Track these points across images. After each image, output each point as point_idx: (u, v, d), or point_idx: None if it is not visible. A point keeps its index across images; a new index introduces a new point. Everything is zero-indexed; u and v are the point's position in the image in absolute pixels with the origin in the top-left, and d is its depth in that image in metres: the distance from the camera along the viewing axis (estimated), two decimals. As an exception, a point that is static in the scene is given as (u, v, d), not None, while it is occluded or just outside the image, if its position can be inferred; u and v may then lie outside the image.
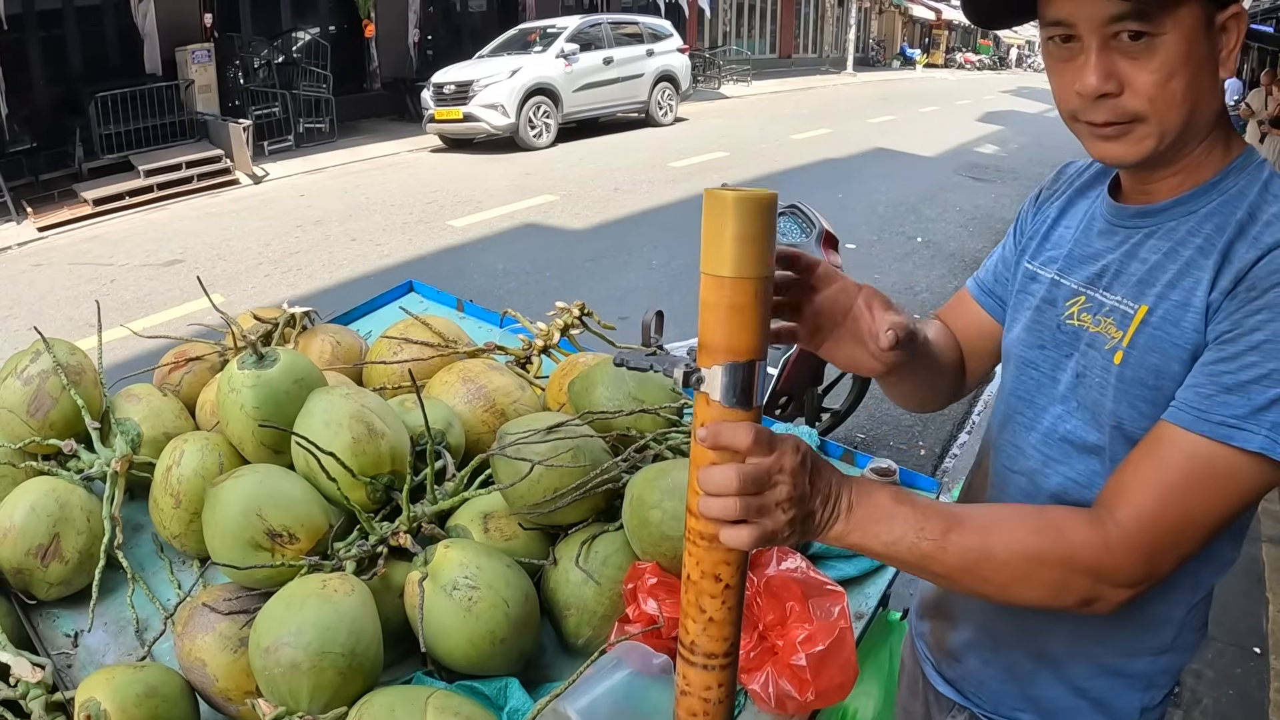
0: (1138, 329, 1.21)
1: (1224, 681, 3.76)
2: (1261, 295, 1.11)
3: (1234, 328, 1.12)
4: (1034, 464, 1.36)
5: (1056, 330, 1.34)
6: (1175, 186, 1.26)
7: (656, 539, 1.52)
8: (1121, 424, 1.24)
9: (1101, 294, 1.29)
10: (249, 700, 1.38)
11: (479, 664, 1.42)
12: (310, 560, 1.48)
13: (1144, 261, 1.25)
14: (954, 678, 1.55)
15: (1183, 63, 1.13)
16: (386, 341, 2.18)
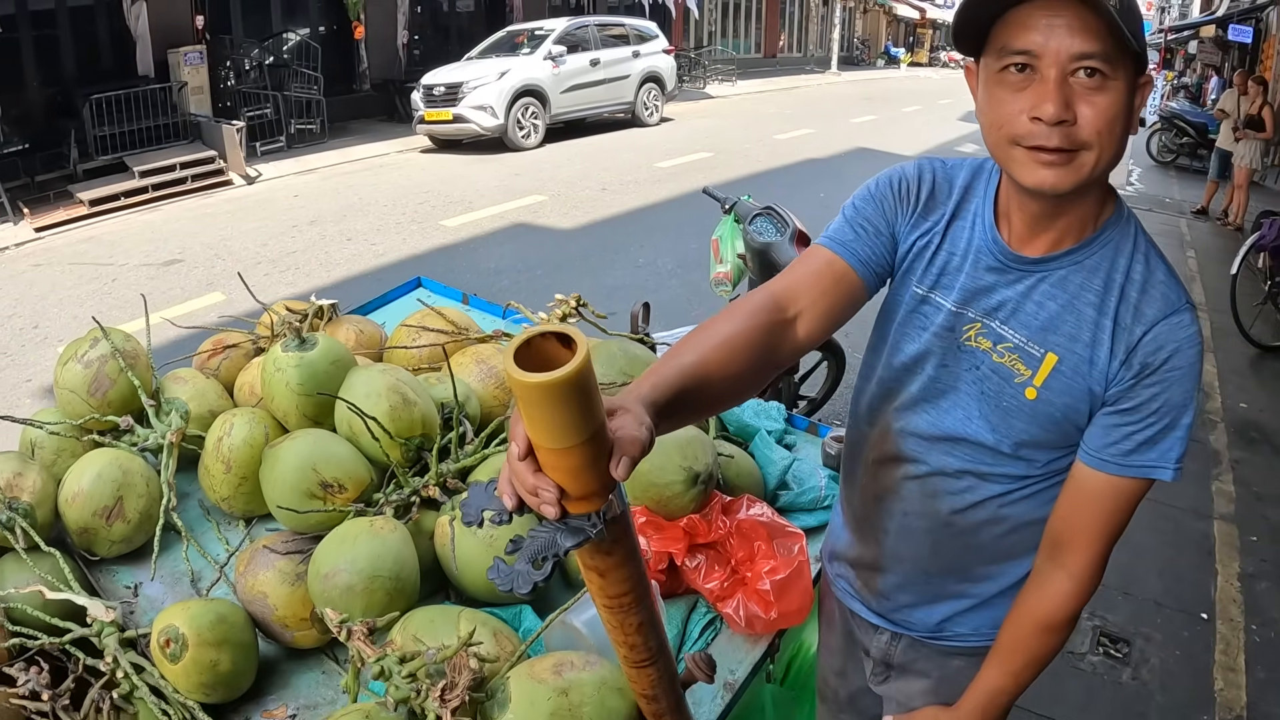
0: (1050, 374, 1.47)
1: (1172, 644, 4.10)
2: (1153, 372, 1.41)
3: (1135, 397, 1.43)
4: (943, 445, 1.62)
5: (957, 350, 1.56)
6: (1057, 240, 1.48)
7: (644, 486, 1.83)
8: (1025, 440, 1.53)
9: (999, 326, 1.52)
10: (305, 623, 1.67)
11: (497, 592, 1.70)
12: (356, 506, 1.77)
13: (1041, 306, 1.48)
14: (881, 610, 1.83)
15: (1123, 107, 1.34)
16: (405, 329, 2.46)
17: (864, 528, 1.80)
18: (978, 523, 1.64)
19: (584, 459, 0.97)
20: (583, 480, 0.99)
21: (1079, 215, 1.46)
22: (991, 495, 1.61)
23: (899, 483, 1.70)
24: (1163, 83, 29.97)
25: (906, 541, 1.72)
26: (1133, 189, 16.01)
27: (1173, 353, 1.41)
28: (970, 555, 1.68)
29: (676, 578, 1.86)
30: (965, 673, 1.72)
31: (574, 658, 1.44)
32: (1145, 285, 1.44)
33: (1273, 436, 6.44)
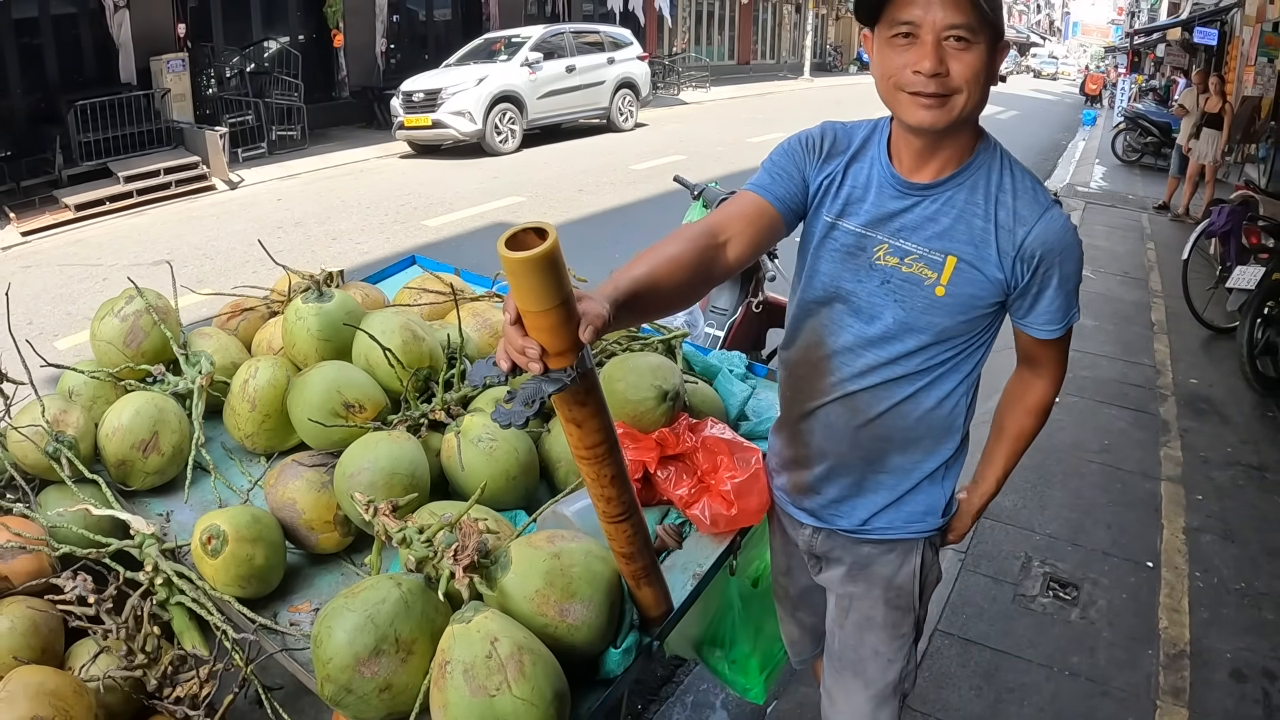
0: (953, 273, 1.84)
1: (1118, 588, 4.36)
2: (1043, 260, 1.83)
3: (1040, 282, 1.86)
4: (863, 355, 1.95)
5: (869, 269, 1.90)
6: (940, 168, 1.86)
7: (621, 403, 2.12)
8: (942, 330, 1.89)
9: (904, 243, 1.87)
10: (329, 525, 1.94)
11: (497, 496, 1.97)
12: (374, 424, 2.05)
13: (936, 221, 1.85)
14: (811, 508, 2.16)
15: (984, 64, 1.72)
16: (408, 291, 2.74)
17: (795, 435, 2.12)
18: (890, 419, 1.98)
19: (558, 319, 1.29)
20: (558, 338, 1.31)
21: (955, 147, 1.85)
22: (903, 397, 1.96)
23: (825, 391, 2.02)
24: (1131, 85, 30.42)
25: (831, 441, 2.05)
26: (1097, 186, 16.36)
27: (1052, 241, 1.82)
28: (884, 447, 2.02)
29: (651, 489, 2.13)
30: (874, 558, 2.12)
31: (564, 533, 1.71)
32: (1017, 191, 1.84)
33: (1221, 408, 6.70)
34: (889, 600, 2.15)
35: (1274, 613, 4.28)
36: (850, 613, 2.18)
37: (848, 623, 2.19)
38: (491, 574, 1.61)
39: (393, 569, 1.81)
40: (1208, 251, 9.23)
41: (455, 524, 1.61)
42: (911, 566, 2.13)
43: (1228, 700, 3.70)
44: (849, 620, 2.19)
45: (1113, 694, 3.66)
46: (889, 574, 2.13)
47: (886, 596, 2.15)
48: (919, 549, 2.14)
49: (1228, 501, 5.32)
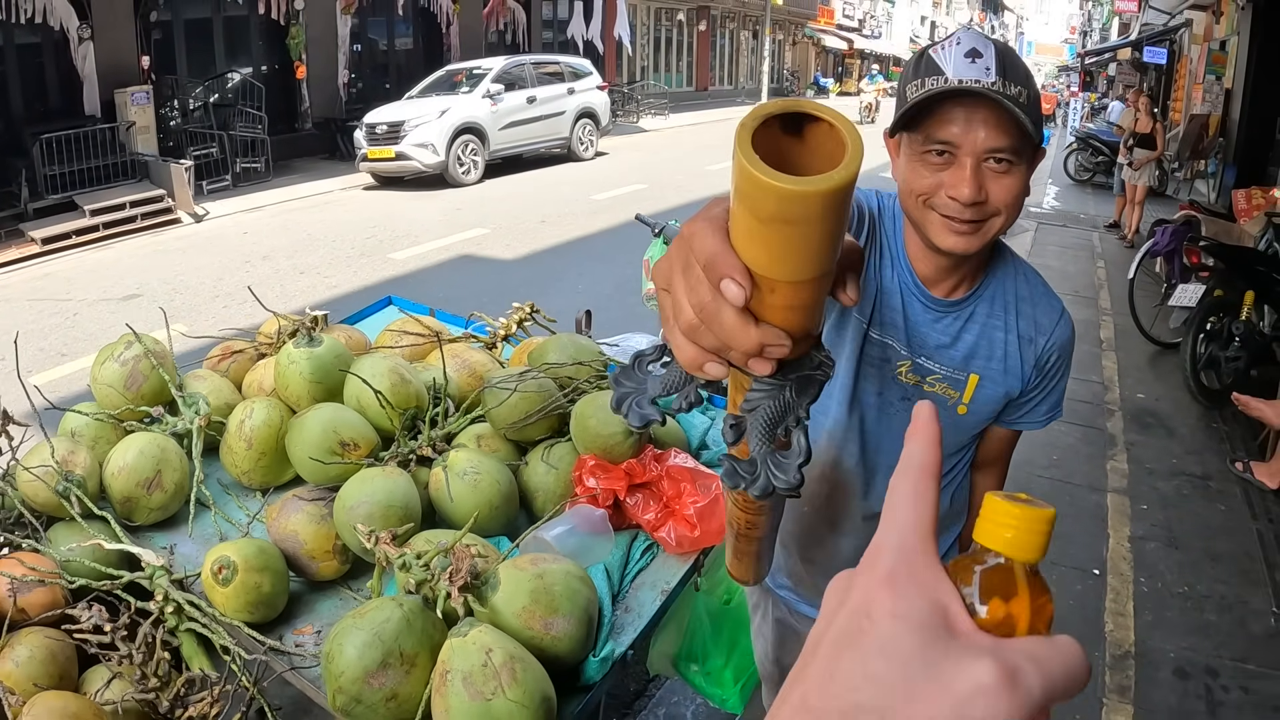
0: (975, 391, 1.82)
1: (1065, 595, 4.56)
2: (1054, 366, 1.85)
3: (1044, 385, 1.87)
4: (885, 469, 1.90)
5: (892, 383, 1.83)
6: (961, 281, 1.78)
7: (592, 438, 2.30)
8: (961, 444, 1.95)
9: (926, 362, 1.80)
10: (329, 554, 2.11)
11: (482, 524, 2.14)
12: (367, 461, 2.23)
13: (962, 340, 1.79)
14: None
15: (1022, 186, 1.59)
16: (389, 333, 2.91)
17: (814, 552, 2.11)
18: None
19: (829, 286, 0.71)
20: (817, 314, 0.73)
21: (976, 263, 1.77)
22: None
23: (850, 513, 2.01)
24: (1083, 104, 30.91)
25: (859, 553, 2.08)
26: (1050, 206, 16.71)
27: (1065, 349, 1.85)
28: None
29: (621, 514, 2.31)
30: None
31: (546, 556, 1.90)
32: (1033, 299, 1.82)
33: (1166, 420, 6.94)
34: None
35: (1216, 614, 4.49)
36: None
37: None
38: (483, 593, 1.79)
39: (389, 592, 1.98)
40: (1153, 270, 9.52)
41: (449, 550, 1.79)
42: None
43: (1171, 696, 3.88)
44: None
45: None
46: None
47: None
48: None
49: (1172, 510, 5.54)
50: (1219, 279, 7.32)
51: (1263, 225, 8.58)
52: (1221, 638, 4.30)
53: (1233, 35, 15.54)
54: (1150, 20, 23.96)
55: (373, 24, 21.51)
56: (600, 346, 2.83)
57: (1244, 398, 5.71)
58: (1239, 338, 7.05)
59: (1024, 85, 1.51)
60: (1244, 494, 5.76)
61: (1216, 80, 16.57)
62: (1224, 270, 7.33)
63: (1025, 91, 1.51)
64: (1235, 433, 6.73)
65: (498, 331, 3.05)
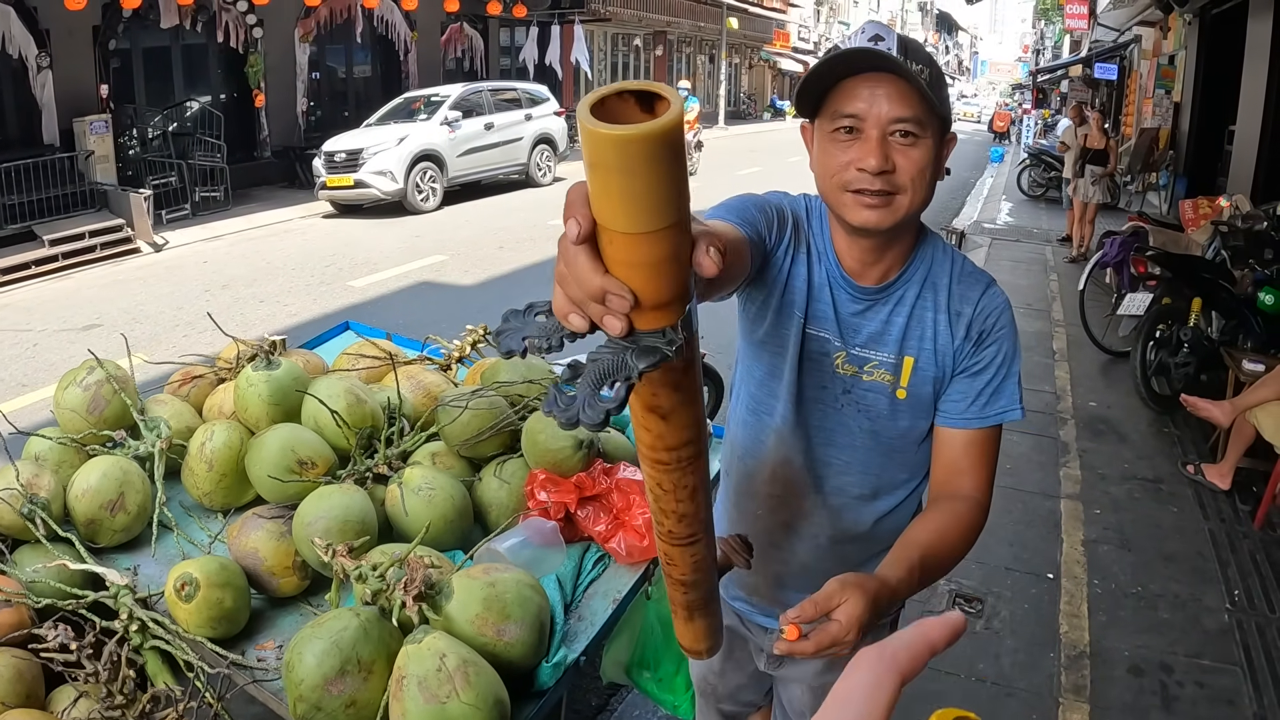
0: (911, 373, 1.79)
1: (1021, 599, 4.65)
2: (988, 335, 1.77)
3: (980, 360, 1.77)
4: (839, 467, 1.91)
5: (831, 376, 1.84)
6: (888, 269, 1.78)
7: (543, 453, 2.38)
8: (905, 433, 1.86)
9: (861, 351, 1.81)
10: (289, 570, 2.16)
11: (437, 538, 2.21)
12: (325, 479, 2.29)
13: (893, 324, 1.79)
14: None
15: (931, 158, 1.62)
16: (346, 356, 2.97)
17: (770, 554, 2.03)
18: (882, 526, 1.94)
19: (670, 248, 0.78)
20: (664, 280, 0.80)
21: (902, 246, 1.78)
22: (892, 506, 1.94)
23: (803, 509, 1.97)
24: (1036, 121, 31.22)
25: (817, 557, 1.99)
26: (1003, 222, 16.87)
27: (997, 316, 1.78)
28: (873, 555, 1.90)
29: (573, 526, 2.38)
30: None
31: (498, 566, 1.97)
32: (960, 276, 1.81)
33: (1117, 427, 7.02)
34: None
35: (1169, 612, 4.56)
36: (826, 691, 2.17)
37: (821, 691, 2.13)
38: (437, 602, 1.85)
39: (347, 604, 2.04)
40: (1103, 281, 9.66)
41: (403, 561, 1.86)
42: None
43: (1126, 694, 3.94)
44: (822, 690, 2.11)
45: (1017, 694, 3.90)
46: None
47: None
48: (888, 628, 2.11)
49: (1124, 514, 5.61)
50: (1167, 287, 7.45)
51: (1210, 234, 8.71)
52: (1175, 635, 4.38)
53: (1181, 50, 15.78)
54: (1100, 37, 24.29)
55: (331, 52, 21.49)
56: (550, 365, 2.91)
57: (1193, 399, 5.83)
58: (1188, 344, 7.16)
59: (926, 65, 1.58)
60: (1195, 495, 5.86)
61: (1166, 94, 16.81)
62: (1171, 279, 7.45)
63: (928, 70, 1.57)
64: (1186, 436, 6.82)
65: (452, 354, 3.12)
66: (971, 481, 1.78)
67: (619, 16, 30.90)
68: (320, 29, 19.88)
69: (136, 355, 2.86)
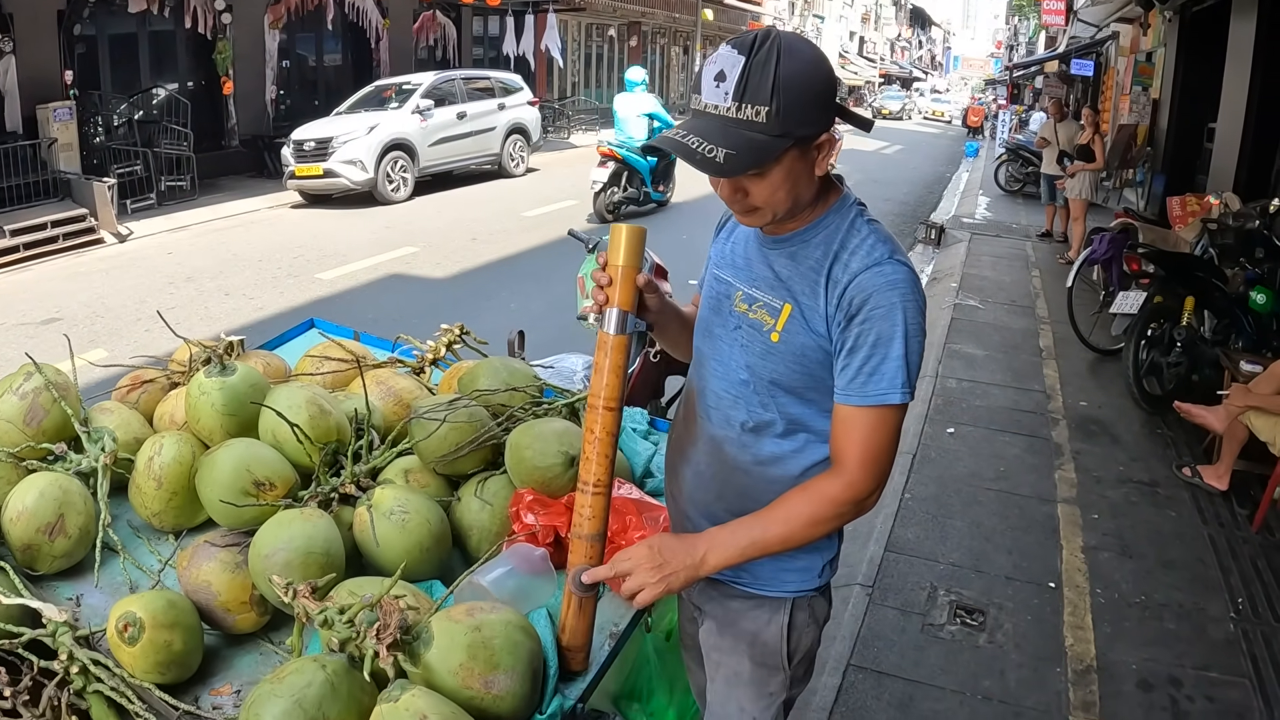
0: (787, 321, 1.88)
1: (1023, 610, 4.52)
2: (858, 313, 1.80)
3: (853, 337, 1.81)
4: (726, 401, 2.01)
5: (729, 314, 2.00)
6: (794, 226, 1.92)
7: (530, 471, 2.15)
8: (777, 380, 1.92)
9: (751, 289, 1.96)
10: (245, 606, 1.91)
11: (411, 568, 1.97)
12: (285, 502, 2.04)
13: (778, 273, 1.92)
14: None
15: (782, 182, 1.78)
16: (310, 359, 2.72)
17: (673, 480, 2.17)
18: (756, 475, 2.00)
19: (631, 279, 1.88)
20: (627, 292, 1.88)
21: (804, 215, 1.90)
22: (767, 454, 1.99)
23: (695, 436, 2.08)
24: (1011, 116, 31.32)
25: (700, 489, 2.08)
26: (982, 217, 16.81)
27: (871, 294, 1.79)
28: (749, 504, 1.97)
29: (562, 552, 2.14)
30: (741, 613, 2.10)
31: (483, 605, 1.73)
32: (855, 249, 1.84)
33: (1109, 428, 6.91)
34: (754, 657, 2.13)
35: (1174, 622, 4.45)
36: (720, 667, 2.18)
37: (718, 677, 2.19)
38: (414, 650, 1.62)
39: (313, 647, 1.80)
40: (1091, 278, 9.56)
41: (376, 603, 1.62)
42: (778, 625, 2.11)
43: (1137, 710, 3.81)
44: (719, 675, 2.19)
45: (1025, 714, 3.76)
46: (755, 629, 2.12)
47: (752, 653, 2.13)
48: (787, 608, 2.10)
49: (1122, 519, 5.49)
50: (1159, 285, 7.33)
51: (1198, 231, 8.67)
52: (1182, 646, 4.27)
53: (1160, 47, 15.83)
54: (1078, 33, 24.35)
55: (301, 39, 21.11)
56: (534, 370, 2.67)
57: (1186, 405, 5.77)
58: (1181, 343, 7.06)
59: (765, 103, 1.68)
60: (1193, 499, 5.76)
61: (1144, 91, 16.91)
62: (1164, 277, 7.35)
63: (767, 109, 1.68)
64: (1180, 438, 6.72)
65: (425, 355, 2.88)
66: (848, 458, 1.85)
67: (594, 6, 30.77)
68: (290, 16, 19.43)
69: (92, 354, 2.60)
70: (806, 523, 1.87)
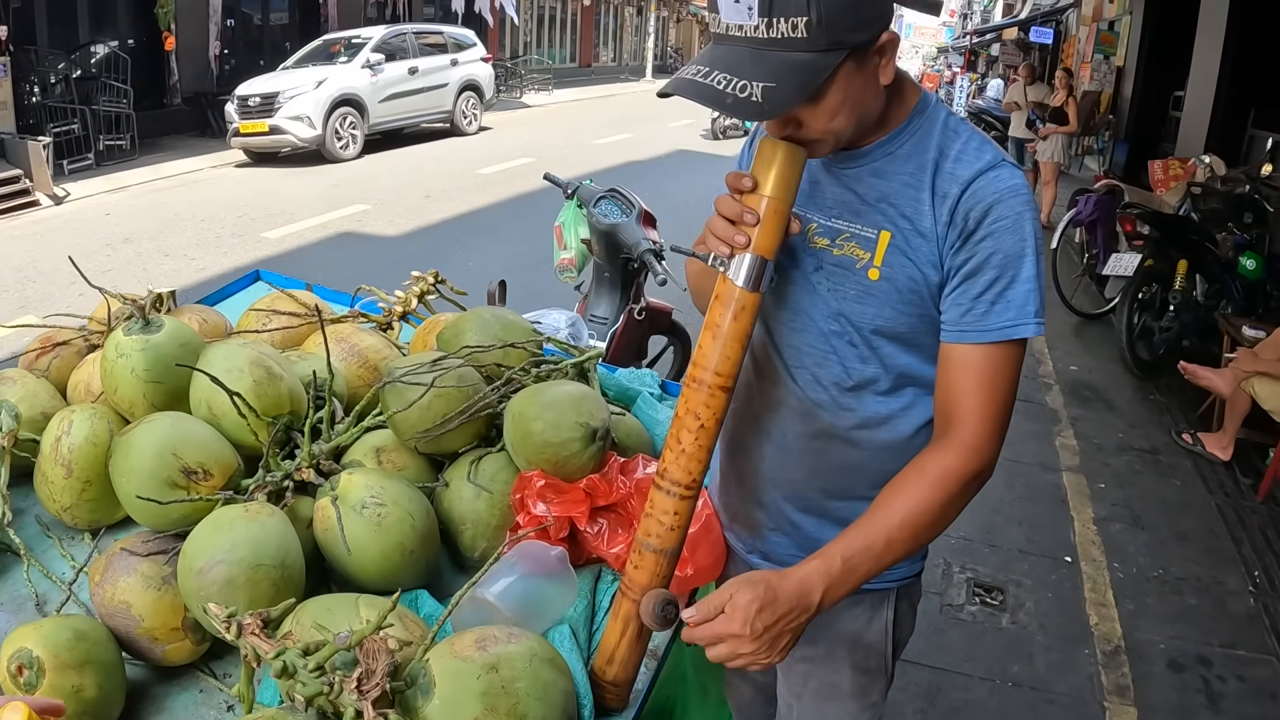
0: (887, 251, 1.52)
1: (1042, 587, 4.37)
2: (978, 227, 1.46)
3: (969, 257, 1.47)
4: (812, 357, 1.64)
5: (803, 254, 1.61)
6: (872, 139, 1.54)
7: (539, 447, 1.70)
8: (881, 326, 1.56)
9: (833, 221, 1.58)
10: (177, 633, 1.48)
11: (391, 576, 1.54)
12: (224, 495, 1.59)
13: (863, 195, 1.55)
14: (765, 550, 1.83)
15: (841, 105, 1.41)
16: (254, 314, 2.28)
17: (738, 459, 1.81)
18: (856, 441, 1.65)
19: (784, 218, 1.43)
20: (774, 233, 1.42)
21: (880, 125, 1.54)
22: (870, 415, 1.63)
23: (774, 402, 1.71)
24: (968, 83, 31.21)
25: (785, 465, 1.72)
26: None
27: (993, 204, 1.45)
28: (850, 477, 1.67)
29: (577, 547, 1.73)
30: (837, 613, 1.66)
31: (495, 631, 1.30)
32: (958, 155, 1.50)
33: (1103, 393, 6.85)
34: (856, 663, 1.82)
35: (1195, 597, 4.35)
36: (810, 680, 1.85)
37: (807, 693, 1.88)
38: (411, 702, 1.19)
39: (265, 698, 1.37)
40: (1074, 240, 9.33)
41: (356, 644, 1.18)
42: (883, 621, 1.79)
43: (1170, 693, 3.69)
44: (808, 690, 1.88)
45: (1059, 701, 3.61)
46: (856, 631, 1.79)
47: (853, 658, 1.82)
48: (891, 600, 1.80)
49: (1129, 488, 5.39)
50: (1153, 248, 7.12)
51: (1182, 194, 8.50)
52: (1206, 623, 4.16)
53: (1125, 15, 15.82)
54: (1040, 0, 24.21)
55: (246, -7, 20.35)
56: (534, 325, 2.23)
57: (1192, 367, 5.68)
58: (1174, 307, 6.89)
59: (802, 11, 1.31)
60: (1195, 467, 5.65)
61: (1105, 60, 16.94)
62: (1159, 239, 7.13)
63: (805, 18, 1.31)
64: (1174, 404, 6.64)
65: (394, 308, 2.44)
66: (969, 415, 1.49)
67: (548, -36, 30.26)
68: (235, -32, 18.73)
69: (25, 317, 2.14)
70: (935, 517, 1.48)
